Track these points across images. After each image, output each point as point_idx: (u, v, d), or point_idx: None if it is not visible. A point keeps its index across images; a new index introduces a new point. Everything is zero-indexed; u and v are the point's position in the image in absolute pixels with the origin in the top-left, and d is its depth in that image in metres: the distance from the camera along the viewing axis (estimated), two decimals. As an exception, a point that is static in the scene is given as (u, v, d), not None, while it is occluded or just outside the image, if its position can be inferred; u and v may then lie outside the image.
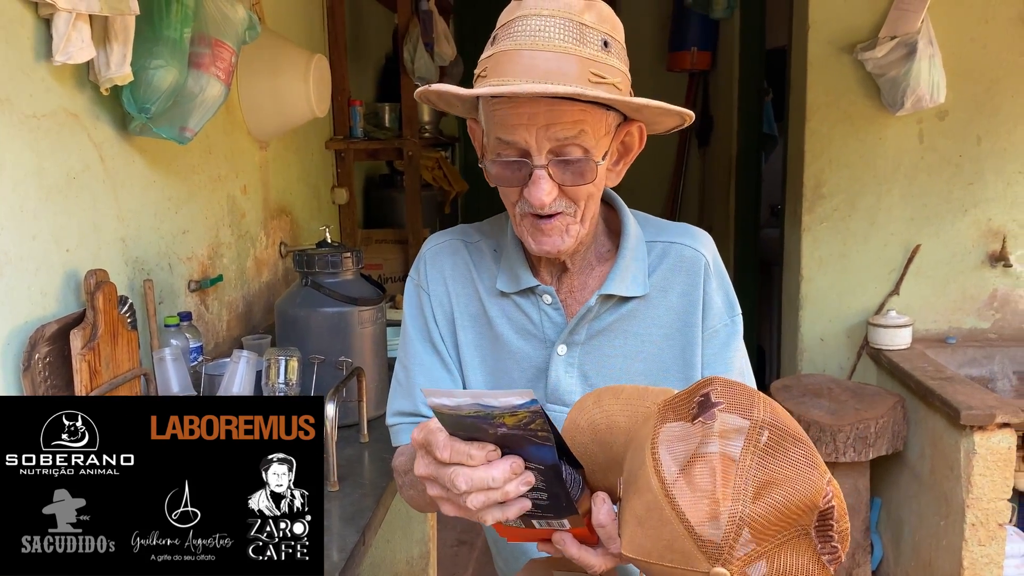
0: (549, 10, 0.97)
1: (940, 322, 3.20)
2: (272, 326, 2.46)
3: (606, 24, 1.01)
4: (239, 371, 1.80)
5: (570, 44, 0.97)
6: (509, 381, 1.18)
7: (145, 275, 1.87)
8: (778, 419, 0.80)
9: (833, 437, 2.65)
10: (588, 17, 0.99)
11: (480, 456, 0.85)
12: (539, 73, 0.95)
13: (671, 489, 0.77)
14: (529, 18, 0.98)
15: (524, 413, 0.81)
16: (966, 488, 2.44)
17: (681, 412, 0.83)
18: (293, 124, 2.62)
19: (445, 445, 0.86)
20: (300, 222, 2.97)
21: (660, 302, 1.14)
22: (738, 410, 0.80)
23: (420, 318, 1.22)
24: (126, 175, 1.80)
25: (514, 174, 1.02)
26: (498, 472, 0.84)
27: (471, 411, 0.82)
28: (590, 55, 0.98)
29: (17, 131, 1.45)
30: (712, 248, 1.18)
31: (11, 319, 1.44)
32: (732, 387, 0.83)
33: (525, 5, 0.99)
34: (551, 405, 1.15)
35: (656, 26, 5.31)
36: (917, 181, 3.13)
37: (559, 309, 1.14)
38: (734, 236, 4.48)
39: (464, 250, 1.21)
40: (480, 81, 1.01)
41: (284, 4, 2.79)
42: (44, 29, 1.50)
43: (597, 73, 0.97)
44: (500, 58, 0.98)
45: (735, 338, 1.17)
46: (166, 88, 1.65)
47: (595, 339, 1.14)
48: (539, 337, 1.16)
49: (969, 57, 3.02)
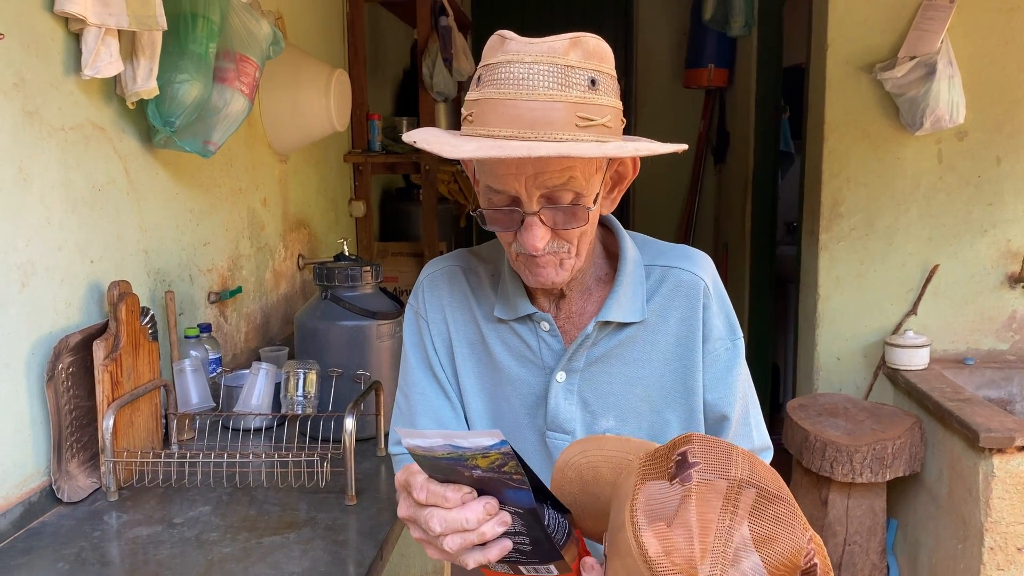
0: (532, 56, 0.96)
1: (958, 343, 3.18)
2: (289, 337, 2.47)
3: (592, 60, 0.98)
4: (258, 383, 1.81)
5: (555, 90, 0.94)
6: (508, 408, 1.17)
7: (166, 286, 1.89)
8: (757, 476, 0.79)
9: (850, 457, 2.62)
10: (573, 57, 0.97)
11: (455, 498, 0.85)
12: (524, 123, 0.94)
13: (649, 554, 0.76)
14: (513, 65, 0.96)
15: (496, 455, 0.81)
16: (984, 511, 2.42)
17: (660, 470, 0.82)
18: (313, 138, 2.64)
19: (422, 487, 0.87)
20: (318, 235, 2.99)
21: (659, 327, 1.13)
22: (715, 470, 0.79)
23: (420, 346, 1.21)
24: (149, 187, 1.82)
25: (506, 220, 1.02)
26: (471, 513, 0.85)
27: (444, 453, 0.82)
28: (577, 98, 0.95)
29: (46, 143, 1.48)
30: (712, 271, 1.16)
31: (36, 329, 1.46)
32: (709, 445, 0.82)
33: (508, 49, 0.97)
34: (551, 432, 1.14)
35: (673, 43, 5.32)
36: (936, 201, 3.11)
37: (557, 336, 1.13)
38: (750, 254, 4.46)
39: (462, 276, 1.20)
40: (467, 125, 1.00)
41: (306, 19, 2.82)
42: (74, 44, 1.52)
43: (585, 116, 0.95)
44: (485, 106, 0.97)
45: (737, 361, 1.16)
46: (191, 102, 1.67)
47: (594, 366, 1.13)
48: (538, 364, 1.15)
49: (989, 78, 3.01)
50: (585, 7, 5.29)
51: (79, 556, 1.31)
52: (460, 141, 0.97)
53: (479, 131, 0.97)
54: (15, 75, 1.39)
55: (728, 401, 1.14)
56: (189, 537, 1.37)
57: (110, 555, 1.33)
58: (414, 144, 1.01)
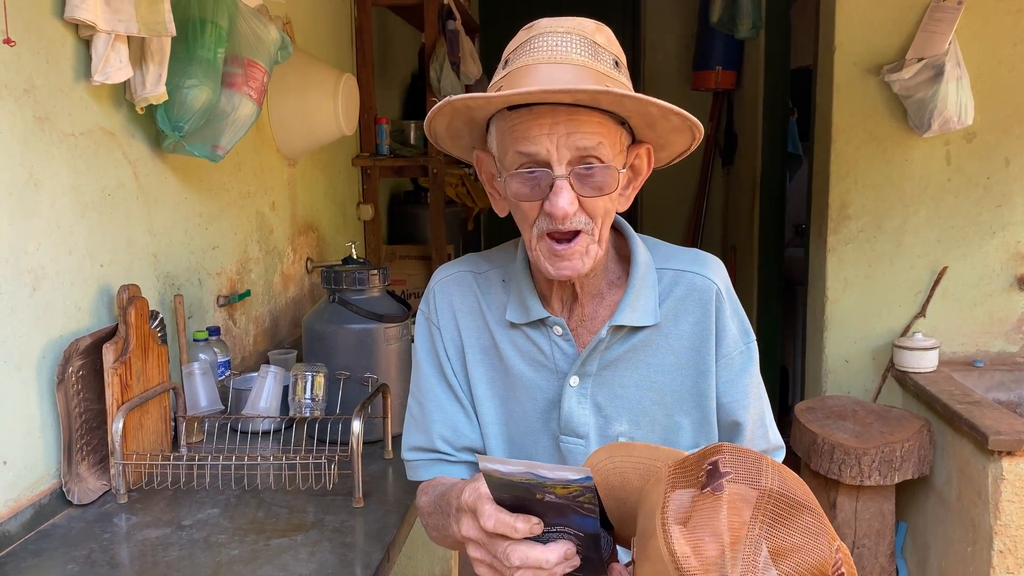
0: (564, 28, 1.01)
1: (967, 345, 3.16)
2: (297, 341, 2.48)
3: (614, 46, 1.04)
4: (266, 386, 1.82)
5: (587, 59, 0.99)
6: (521, 413, 1.17)
7: (175, 290, 1.90)
8: (787, 486, 0.80)
9: (858, 460, 2.62)
10: (599, 37, 1.02)
11: (524, 529, 0.88)
12: (559, 85, 0.96)
13: (681, 562, 0.77)
14: (545, 35, 1.00)
15: (576, 487, 0.83)
16: (994, 514, 2.41)
17: (690, 479, 0.83)
18: (321, 142, 2.65)
19: (490, 515, 0.88)
20: (326, 238, 3.00)
21: (672, 331, 1.13)
22: (746, 479, 0.80)
23: (432, 352, 1.21)
24: (159, 192, 1.84)
25: (534, 188, 1.01)
26: (553, 556, 0.88)
27: (523, 479, 0.84)
28: (605, 71, 1.00)
29: (56, 149, 1.49)
30: (723, 275, 1.16)
31: (47, 332, 1.47)
32: (740, 455, 0.83)
33: (539, 25, 1.02)
34: (564, 437, 1.15)
35: (680, 45, 5.32)
36: (944, 203, 3.11)
37: (570, 340, 1.13)
38: (758, 256, 4.46)
39: (473, 282, 1.20)
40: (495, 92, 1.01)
41: (314, 24, 2.84)
42: (84, 50, 1.54)
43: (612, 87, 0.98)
44: (517, 73, 1.00)
45: (751, 364, 1.16)
46: (199, 107, 1.68)
47: (607, 370, 1.13)
48: (551, 368, 1.15)
49: (997, 79, 3.00)
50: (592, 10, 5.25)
51: (89, 558, 1.33)
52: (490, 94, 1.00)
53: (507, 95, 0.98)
54: (26, 81, 1.41)
55: (743, 404, 1.15)
56: (198, 539, 1.38)
57: (119, 557, 1.34)
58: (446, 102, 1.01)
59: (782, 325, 4.38)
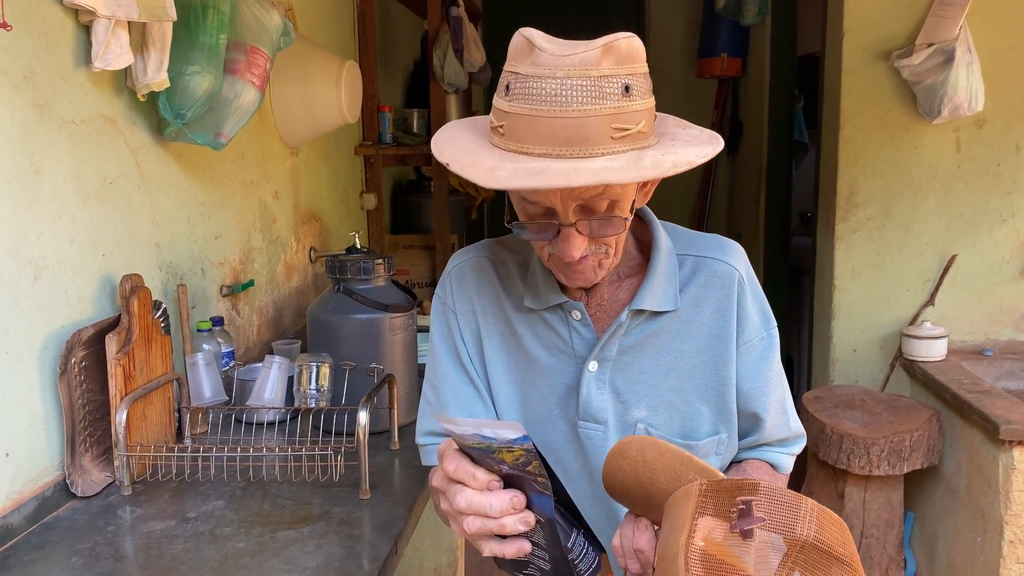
0: (564, 70, 0.92)
1: (976, 334, 3.14)
2: (301, 331, 2.46)
3: (625, 64, 0.95)
4: (271, 377, 1.80)
5: (589, 104, 0.92)
6: (540, 399, 1.16)
7: (178, 280, 1.88)
8: (823, 536, 0.77)
9: (867, 450, 2.60)
10: (606, 66, 0.93)
11: (483, 480, 0.87)
12: (559, 140, 0.92)
13: None
14: (544, 80, 0.93)
15: (519, 451, 0.82)
16: (1004, 504, 2.39)
17: (722, 509, 0.80)
18: (324, 130, 2.63)
19: (452, 458, 0.89)
20: (329, 227, 2.98)
21: (692, 317, 1.12)
22: (780, 528, 0.77)
23: (448, 338, 1.20)
24: (161, 180, 1.81)
25: (542, 232, 1.01)
26: (496, 500, 0.87)
27: (474, 443, 0.84)
28: (612, 108, 0.93)
29: (56, 136, 1.47)
30: (745, 261, 1.15)
31: (49, 323, 1.45)
32: (775, 499, 0.79)
33: (539, 62, 0.93)
34: (583, 423, 1.13)
35: (686, 32, 5.28)
36: (953, 190, 3.07)
37: (589, 325, 1.12)
38: (764, 244, 4.43)
39: (490, 267, 1.19)
40: (498, 137, 0.98)
41: (316, 10, 2.81)
42: (84, 36, 1.51)
43: (620, 126, 0.94)
44: (517, 121, 0.94)
45: (772, 351, 1.15)
46: (202, 94, 1.66)
47: (626, 355, 1.12)
48: (569, 354, 1.14)
49: (1008, 65, 2.97)
50: (597, -2, 5.26)
51: (93, 550, 1.31)
52: (494, 160, 0.96)
53: (511, 146, 0.95)
54: (25, 68, 1.38)
55: (764, 391, 1.14)
56: (203, 531, 1.36)
57: (124, 549, 1.32)
58: (447, 166, 0.99)
59: (788, 314, 4.36)
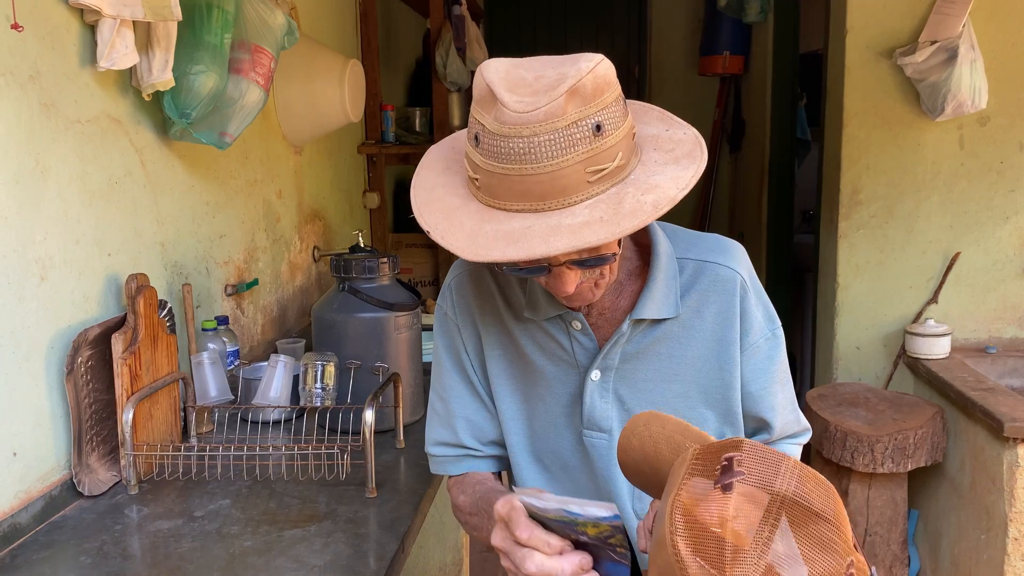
0: (530, 127, 0.87)
1: (980, 331, 3.14)
2: (304, 330, 2.47)
3: (593, 101, 0.89)
4: (276, 376, 1.80)
5: (560, 157, 0.88)
6: (543, 408, 1.16)
7: (183, 279, 1.88)
8: (803, 491, 0.77)
9: (871, 448, 2.60)
10: (572, 111, 0.88)
11: (556, 546, 0.87)
12: (534, 196, 0.90)
13: (683, 560, 0.75)
14: (511, 140, 0.88)
15: (607, 526, 0.83)
16: (1009, 502, 2.39)
17: (708, 468, 0.81)
18: (328, 129, 2.63)
19: (526, 527, 0.88)
20: (333, 226, 2.98)
21: (694, 323, 1.10)
22: (759, 482, 0.77)
23: (452, 349, 1.20)
24: (166, 180, 1.82)
25: (533, 270, 0.99)
26: (568, 565, 0.86)
27: (555, 515, 0.85)
28: (584, 153, 0.89)
29: (62, 136, 1.47)
30: (746, 262, 1.13)
31: (55, 323, 1.45)
32: (757, 454, 0.80)
33: (503, 119, 0.89)
34: (588, 431, 1.13)
35: (688, 30, 5.27)
36: (957, 188, 3.07)
37: (590, 334, 1.11)
38: (766, 242, 4.43)
39: (489, 276, 1.18)
40: (475, 188, 0.96)
41: (318, 9, 2.81)
42: (89, 35, 1.51)
43: (595, 169, 0.90)
44: (490, 179, 0.92)
45: (778, 350, 1.15)
46: (207, 93, 1.66)
47: (629, 363, 1.11)
48: (571, 363, 1.13)
49: (1011, 62, 2.96)
50: (598, -5, 5.25)
51: (101, 549, 1.31)
52: (472, 221, 0.93)
53: (488, 200, 0.94)
54: (31, 67, 1.38)
55: (772, 390, 1.14)
56: (210, 530, 1.37)
57: (132, 548, 1.32)
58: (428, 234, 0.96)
59: (790, 312, 4.36)
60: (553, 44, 5.33)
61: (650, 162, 0.96)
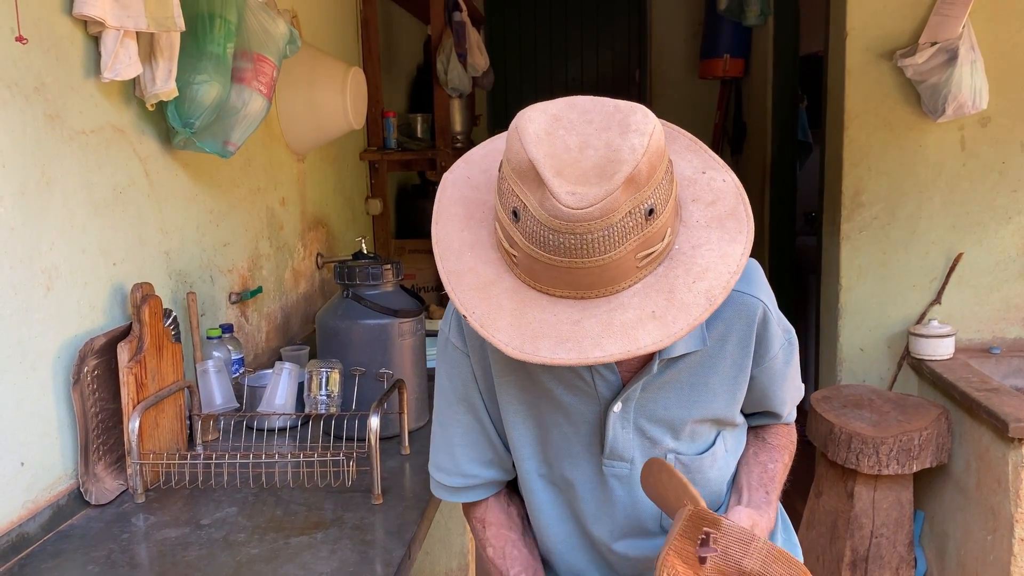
0: (584, 226, 0.82)
1: (983, 332, 3.14)
2: (309, 337, 2.47)
3: (648, 184, 0.84)
4: (281, 383, 1.81)
5: (613, 250, 0.84)
6: (560, 435, 1.15)
7: (188, 288, 1.89)
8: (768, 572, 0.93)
9: (876, 449, 2.60)
10: (627, 202, 0.82)
11: None
12: (582, 286, 0.87)
13: None
14: (562, 235, 0.83)
15: None
16: (1015, 502, 2.39)
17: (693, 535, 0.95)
18: (330, 136, 2.63)
19: None
20: (336, 233, 2.98)
21: (716, 351, 1.09)
22: (730, 560, 0.94)
23: (456, 378, 1.18)
24: (170, 189, 1.82)
25: None
26: None
27: None
28: (636, 241, 0.85)
29: (67, 147, 1.48)
30: (765, 283, 1.12)
31: (62, 332, 1.46)
32: (732, 535, 0.94)
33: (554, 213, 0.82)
34: (609, 461, 1.14)
35: (688, 33, 5.28)
36: (959, 188, 3.07)
37: (614, 370, 1.09)
38: (769, 245, 4.43)
39: None
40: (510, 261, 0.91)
41: (319, 17, 2.82)
42: (93, 47, 1.52)
43: (646, 253, 0.87)
44: (534, 263, 0.87)
45: (793, 354, 1.17)
46: (210, 103, 1.67)
47: (650, 392, 1.10)
48: (590, 394, 1.11)
49: (1012, 63, 2.96)
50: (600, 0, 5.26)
51: (108, 558, 1.32)
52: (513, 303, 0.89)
53: (528, 281, 0.90)
54: (36, 79, 1.39)
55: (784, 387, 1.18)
56: (217, 538, 1.37)
57: (139, 557, 1.33)
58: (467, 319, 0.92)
59: (794, 314, 4.36)
60: (554, 49, 5.34)
61: (692, 223, 0.92)
